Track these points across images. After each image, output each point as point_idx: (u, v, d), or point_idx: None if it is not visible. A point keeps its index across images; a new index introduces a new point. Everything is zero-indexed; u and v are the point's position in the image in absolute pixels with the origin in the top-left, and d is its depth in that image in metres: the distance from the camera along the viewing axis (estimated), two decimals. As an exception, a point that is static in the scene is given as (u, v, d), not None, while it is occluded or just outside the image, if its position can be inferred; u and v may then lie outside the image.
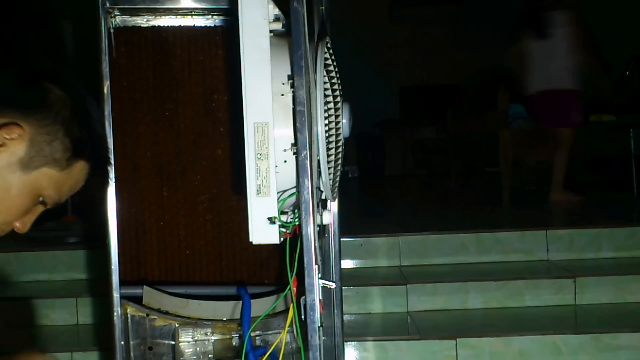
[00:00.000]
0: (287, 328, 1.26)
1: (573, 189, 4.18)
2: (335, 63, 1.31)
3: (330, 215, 1.26)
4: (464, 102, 7.28)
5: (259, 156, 1.15)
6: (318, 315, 1.14)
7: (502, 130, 4.29)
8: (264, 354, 1.46)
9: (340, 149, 1.33)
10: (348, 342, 2.34)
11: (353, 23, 7.75)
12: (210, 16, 1.84)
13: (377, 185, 7.37)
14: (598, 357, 2.33)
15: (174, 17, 1.82)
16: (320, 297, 1.15)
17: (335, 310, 1.77)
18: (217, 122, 1.91)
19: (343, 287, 1.83)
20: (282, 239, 1.20)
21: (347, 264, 2.99)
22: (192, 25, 1.84)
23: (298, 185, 1.16)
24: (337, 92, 1.29)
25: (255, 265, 1.94)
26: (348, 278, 2.67)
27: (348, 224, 2.20)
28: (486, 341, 2.36)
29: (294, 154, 1.16)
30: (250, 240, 1.18)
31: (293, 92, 1.14)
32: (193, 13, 1.80)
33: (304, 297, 1.14)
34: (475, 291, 2.70)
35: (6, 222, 0.94)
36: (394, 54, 8.40)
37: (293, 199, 1.22)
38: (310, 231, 1.13)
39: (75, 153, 0.94)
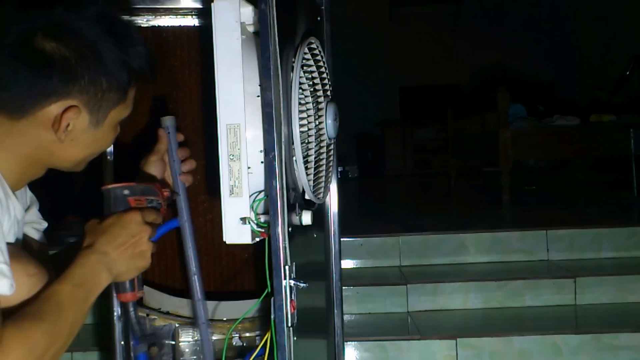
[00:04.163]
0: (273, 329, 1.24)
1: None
2: (321, 63, 1.30)
3: (310, 215, 1.25)
4: (464, 102, 7.27)
5: (231, 157, 1.16)
6: (287, 315, 1.13)
7: (502, 130, 4.28)
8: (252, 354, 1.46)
9: (324, 149, 1.31)
10: (348, 342, 2.34)
11: (353, 23, 7.75)
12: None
13: (377, 185, 7.37)
14: (598, 357, 2.33)
15: (174, 17, 1.82)
16: (294, 297, 1.15)
17: (335, 310, 1.77)
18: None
19: (343, 287, 1.83)
20: (257, 239, 1.20)
21: (347, 264, 2.99)
22: (192, 25, 1.83)
23: (266, 187, 1.16)
24: (320, 92, 1.28)
25: (256, 265, 1.93)
26: (348, 278, 2.68)
27: (348, 224, 2.19)
28: (486, 341, 2.36)
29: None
30: (224, 239, 1.19)
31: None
32: (193, 13, 1.80)
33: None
34: (475, 291, 2.70)
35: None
36: (394, 54, 8.40)
37: None
38: (278, 232, 1.12)
39: (125, 83, 1.04)
